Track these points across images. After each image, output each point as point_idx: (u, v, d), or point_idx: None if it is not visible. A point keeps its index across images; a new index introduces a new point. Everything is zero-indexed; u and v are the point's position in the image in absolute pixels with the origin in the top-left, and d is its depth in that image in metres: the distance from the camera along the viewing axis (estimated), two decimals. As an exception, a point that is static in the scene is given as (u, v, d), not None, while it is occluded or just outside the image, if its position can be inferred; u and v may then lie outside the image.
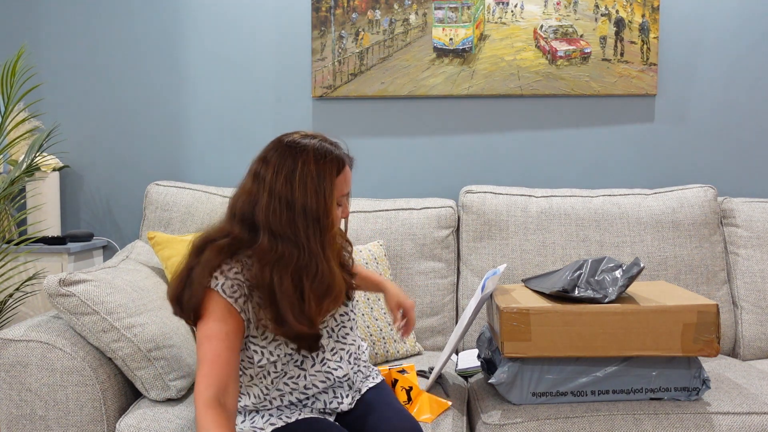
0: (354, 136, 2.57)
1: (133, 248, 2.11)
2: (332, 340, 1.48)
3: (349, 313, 1.53)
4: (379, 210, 2.27)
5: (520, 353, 1.57)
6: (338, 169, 1.36)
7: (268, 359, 1.40)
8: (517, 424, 1.57)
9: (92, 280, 1.65)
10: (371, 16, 2.49)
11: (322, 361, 1.46)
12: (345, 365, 1.49)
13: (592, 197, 2.28)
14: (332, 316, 1.49)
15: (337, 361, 1.48)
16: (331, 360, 1.47)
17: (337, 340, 1.50)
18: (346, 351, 1.51)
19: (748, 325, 2.17)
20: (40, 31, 2.62)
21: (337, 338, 1.50)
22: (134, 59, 2.60)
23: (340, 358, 1.49)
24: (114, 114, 2.62)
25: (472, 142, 2.54)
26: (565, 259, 2.19)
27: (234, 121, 2.59)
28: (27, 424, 1.60)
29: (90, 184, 2.64)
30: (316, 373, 1.45)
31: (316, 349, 1.41)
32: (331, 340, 1.48)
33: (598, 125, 2.52)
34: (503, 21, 2.46)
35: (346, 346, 1.51)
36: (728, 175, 2.50)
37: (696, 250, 2.19)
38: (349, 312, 1.53)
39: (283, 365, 1.42)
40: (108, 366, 1.67)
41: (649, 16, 2.43)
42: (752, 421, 1.57)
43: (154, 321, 1.70)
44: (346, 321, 1.52)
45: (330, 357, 1.47)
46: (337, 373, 1.47)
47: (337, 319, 1.50)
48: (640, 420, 1.56)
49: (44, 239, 2.36)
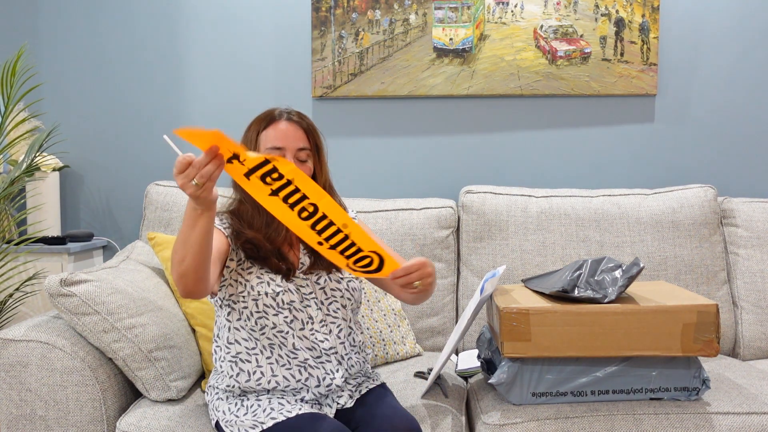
0: (354, 136, 2.57)
1: (134, 248, 2.11)
2: (321, 312, 1.55)
3: (343, 290, 1.58)
4: (379, 210, 2.27)
5: (519, 353, 1.57)
6: (266, 123, 1.55)
7: (249, 292, 1.50)
8: (517, 424, 1.57)
9: (93, 281, 1.65)
10: (371, 16, 2.49)
11: (311, 330, 1.53)
12: (333, 338, 1.54)
13: (592, 197, 2.28)
14: (321, 288, 1.56)
15: (325, 333, 1.54)
16: (318, 331, 1.53)
17: (327, 313, 1.56)
18: (337, 325, 1.56)
19: (748, 325, 2.17)
20: (40, 31, 2.62)
21: (327, 311, 1.56)
22: (134, 59, 2.61)
23: (329, 331, 1.54)
24: (114, 114, 2.63)
25: (472, 142, 2.54)
26: (565, 259, 2.19)
27: (234, 120, 2.59)
28: (27, 424, 1.60)
29: (90, 184, 2.64)
30: (303, 338, 1.52)
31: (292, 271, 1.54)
32: (321, 312, 1.55)
33: (598, 125, 2.52)
34: (503, 21, 2.46)
35: (337, 320, 1.56)
36: (728, 175, 2.50)
37: (696, 250, 2.20)
38: (343, 290, 1.58)
39: (265, 306, 1.50)
40: (108, 366, 1.67)
41: (649, 16, 2.43)
42: (752, 421, 1.57)
43: (154, 321, 1.70)
44: (338, 297, 1.57)
45: (318, 328, 1.53)
46: (324, 345, 1.52)
47: (327, 292, 1.57)
48: (640, 420, 1.56)
49: (44, 239, 2.36)
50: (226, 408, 1.52)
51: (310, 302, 1.55)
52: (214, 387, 1.60)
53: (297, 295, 1.54)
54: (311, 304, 1.54)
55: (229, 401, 1.53)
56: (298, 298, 1.53)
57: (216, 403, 1.56)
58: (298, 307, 1.53)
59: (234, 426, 1.47)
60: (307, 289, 1.56)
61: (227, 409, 1.52)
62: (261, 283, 1.51)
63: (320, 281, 1.58)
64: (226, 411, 1.51)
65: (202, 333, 1.85)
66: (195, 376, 1.79)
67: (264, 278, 1.52)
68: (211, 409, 1.58)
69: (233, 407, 1.51)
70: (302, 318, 1.53)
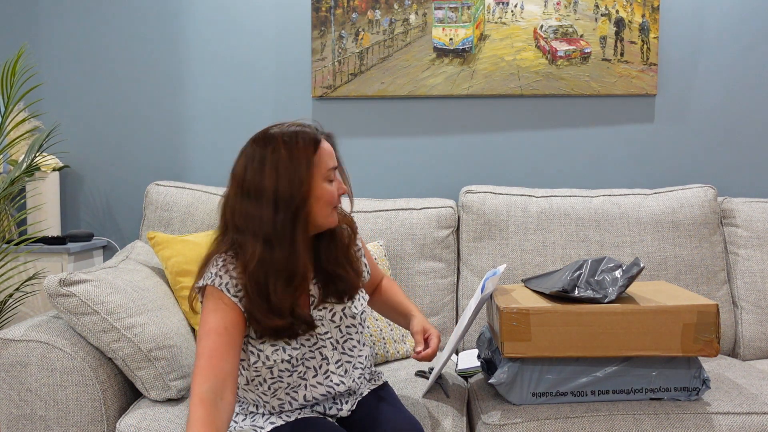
0: (354, 136, 2.57)
1: (133, 248, 2.11)
2: (337, 352, 1.45)
3: (357, 325, 1.48)
4: (379, 210, 2.27)
5: (520, 353, 1.57)
6: (314, 147, 1.34)
7: (264, 362, 1.37)
8: (517, 424, 1.57)
9: (92, 280, 1.65)
10: (371, 16, 2.49)
11: (326, 373, 1.44)
12: (348, 380, 1.46)
13: (592, 197, 2.28)
14: (337, 327, 1.45)
15: (341, 375, 1.45)
16: (335, 373, 1.45)
17: (343, 352, 1.46)
18: (353, 365, 1.48)
19: (748, 325, 2.17)
20: (40, 31, 2.62)
21: (343, 350, 1.46)
22: (134, 59, 2.61)
23: (345, 372, 1.46)
24: (114, 114, 2.63)
25: (472, 142, 2.54)
26: (565, 259, 2.19)
27: (234, 121, 2.59)
28: (27, 424, 1.60)
29: (90, 184, 2.64)
30: (318, 385, 1.43)
31: (312, 329, 1.38)
32: (336, 352, 1.45)
33: (598, 125, 2.52)
34: (503, 21, 2.46)
35: (352, 359, 1.48)
36: (728, 175, 2.50)
37: (696, 250, 2.19)
38: (357, 324, 1.48)
39: (280, 371, 1.39)
40: (108, 366, 1.67)
41: (649, 16, 2.43)
42: (752, 421, 1.57)
43: (154, 321, 1.70)
44: (353, 333, 1.48)
45: (334, 369, 1.45)
46: (339, 388, 1.45)
47: (343, 330, 1.46)
48: (640, 420, 1.56)
49: (44, 239, 2.36)
50: None
51: (326, 342, 1.44)
52: None
53: (310, 341, 1.42)
54: (326, 345, 1.44)
55: None
56: (311, 344, 1.42)
57: None
58: (310, 355, 1.43)
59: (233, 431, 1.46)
60: (321, 329, 1.44)
61: None
62: (276, 350, 1.38)
63: (335, 318, 1.45)
64: None
65: (202, 333, 1.85)
66: (195, 376, 1.79)
67: (279, 344, 1.38)
68: None
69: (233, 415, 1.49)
70: (315, 365, 1.43)
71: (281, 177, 1.30)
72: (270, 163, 1.31)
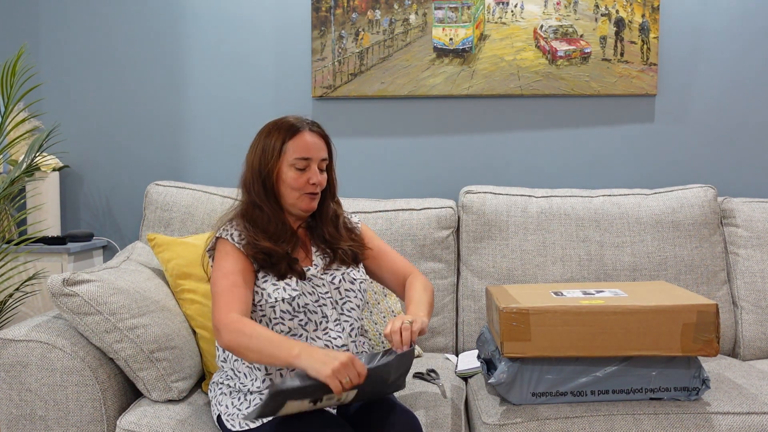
0: (354, 136, 2.57)
1: (134, 249, 2.11)
2: (336, 311, 1.59)
3: (355, 290, 1.62)
4: (379, 210, 2.27)
5: (519, 353, 1.57)
6: (290, 135, 1.58)
7: (266, 300, 1.53)
8: (517, 424, 1.58)
9: (95, 281, 1.65)
10: (371, 16, 2.49)
11: (325, 329, 1.57)
12: (345, 336, 1.58)
13: (592, 197, 2.28)
14: (337, 288, 1.60)
15: (338, 332, 1.58)
16: (333, 330, 1.58)
17: (341, 312, 1.60)
18: (349, 324, 1.60)
19: (748, 325, 2.17)
20: (40, 31, 2.62)
21: (341, 311, 1.60)
22: (134, 59, 2.61)
23: (342, 329, 1.59)
24: (114, 114, 2.63)
25: (472, 142, 2.54)
26: (565, 259, 2.19)
27: (234, 121, 2.59)
28: (27, 424, 1.60)
29: (90, 184, 2.64)
30: (316, 339, 1.55)
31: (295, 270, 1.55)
32: (335, 312, 1.59)
33: (598, 125, 2.52)
34: (503, 21, 2.46)
35: (350, 320, 1.61)
36: (728, 175, 2.50)
37: (696, 250, 2.20)
38: (356, 290, 1.62)
39: (282, 312, 1.53)
40: (108, 366, 1.67)
41: (649, 16, 2.43)
42: (752, 421, 1.58)
43: (156, 322, 1.70)
44: (351, 297, 1.61)
45: (332, 327, 1.58)
46: (337, 342, 1.56)
47: (342, 293, 1.61)
48: (640, 420, 1.56)
49: (44, 239, 2.36)
50: (229, 402, 1.54)
51: (326, 301, 1.58)
52: (217, 383, 1.61)
53: (312, 296, 1.57)
54: (327, 303, 1.58)
55: (232, 396, 1.55)
56: (313, 299, 1.57)
57: (219, 398, 1.57)
58: (312, 309, 1.56)
59: (236, 419, 1.49)
60: (323, 288, 1.59)
61: (230, 403, 1.54)
62: (277, 289, 1.54)
63: (335, 281, 1.61)
64: (229, 405, 1.53)
65: (203, 335, 1.85)
66: (196, 377, 1.79)
67: (279, 284, 1.54)
68: (213, 404, 1.59)
69: (236, 401, 1.53)
70: (316, 319, 1.56)
71: (257, 154, 1.60)
72: (258, 142, 1.61)
